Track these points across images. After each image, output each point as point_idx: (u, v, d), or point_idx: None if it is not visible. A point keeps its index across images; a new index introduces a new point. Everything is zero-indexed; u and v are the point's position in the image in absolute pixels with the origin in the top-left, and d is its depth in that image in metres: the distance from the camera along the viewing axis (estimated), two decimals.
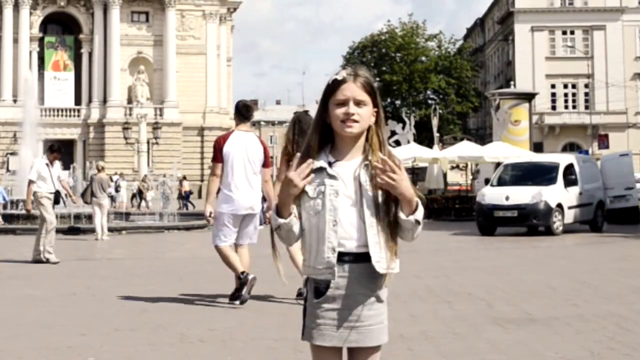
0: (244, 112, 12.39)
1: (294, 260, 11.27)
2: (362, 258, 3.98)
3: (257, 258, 12.93)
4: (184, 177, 59.00)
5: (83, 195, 28.24)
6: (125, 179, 55.89)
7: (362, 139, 4.07)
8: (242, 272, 11.70)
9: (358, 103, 4.01)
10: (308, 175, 3.91)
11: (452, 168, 47.94)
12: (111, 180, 43.20)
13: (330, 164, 4.03)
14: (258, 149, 12.07)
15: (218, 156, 11.92)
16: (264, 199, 12.46)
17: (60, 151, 20.22)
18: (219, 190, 12.07)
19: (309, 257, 4.04)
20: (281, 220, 3.97)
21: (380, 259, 3.98)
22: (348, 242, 3.98)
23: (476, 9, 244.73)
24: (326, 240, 3.97)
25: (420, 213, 3.98)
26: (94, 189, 26.89)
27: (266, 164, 12.17)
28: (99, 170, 27.81)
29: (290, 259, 11.36)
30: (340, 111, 4.00)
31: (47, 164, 19.40)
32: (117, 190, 50.82)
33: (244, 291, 11.61)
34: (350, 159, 4.05)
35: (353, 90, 4.02)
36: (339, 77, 4.04)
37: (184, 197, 55.44)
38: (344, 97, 4.01)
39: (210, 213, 12.09)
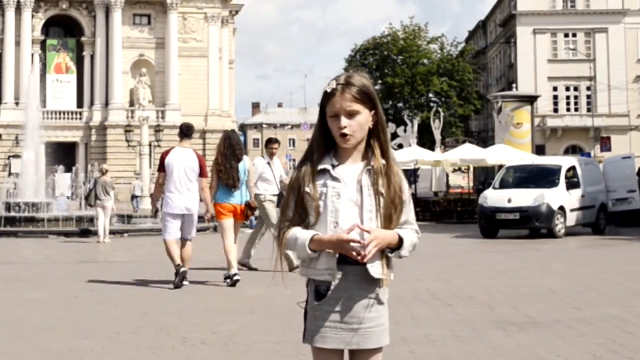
0: (185, 131, 14.97)
1: (227, 252, 14.49)
2: None
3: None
4: None
5: (87, 198, 28.35)
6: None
7: (363, 143, 4.09)
8: (178, 265, 14.20)
9: (350, 114, 4.01)
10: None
11: (454, 171, 47.93)
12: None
13: (333, 167, 4.04)
14: (194, 162, 14.53)
15: (161, 167, 14.51)
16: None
17: (277, 142, 17.88)
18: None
19: (309, 259, 4.04)
20: (311, 254, 3.98)
21: (375, 263, 4.00)
22: None
23: (480, 11, 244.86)
24: None
25: (405, 249, 4.03)
26: (98, 191, 27.04)
27: (202, 173, 14.61)
28: (102, 173, 27.85)
29: (224, 250, 14.56)
30: (334, 125, 4.01)
31: (268, 163, 17.26)
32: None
33: (176, 280, 14.02)
34: (352, 162, 4.07)
35: (342, 102, 4.00)
36: (328, 90, 4.03)
37: None
38: (335, 110, 4.01)
39: (156, 212, 15.53)
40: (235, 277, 14.37)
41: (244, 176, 14.74)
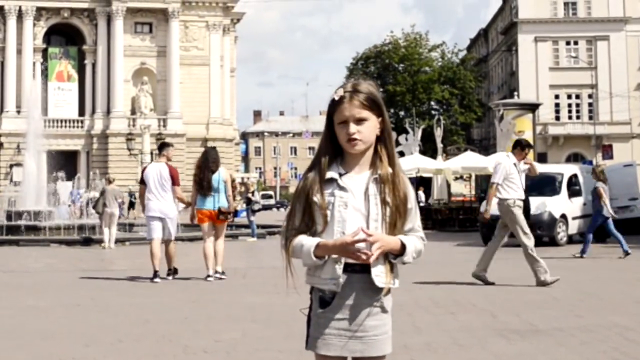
0: (159, 148, 18.14)
1: (206, 253, 16.80)
2: (366, 269, 3.99)
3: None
4: None
5: (95, 206, 29.11)
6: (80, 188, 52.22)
7: (370, 151, 4.08)
8: (156, 272, 16.71)
9: (358, 121, 4.01)
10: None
11: (456, 179, 47.92)
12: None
13: (340, 175, 4.04)
14: (165, 173, 17.07)
15: (142, 179, 17.29)
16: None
17: (529, 147, 17.24)
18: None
19: (314, 268, 4.04)
20: (316, 260, 3.98)
21: (379, 272, 4.00)
22: None
23: (484, 18, 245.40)
24: None
25: (407, 255, 4.02)
26: (106, 200, 27.71)
27: (175, 182, 17.18)
28: (109, 182, 28.88)
29: (204, 253, 16.89)
30: (342, 132, 4.02)
31: (515, 164, 16.27)
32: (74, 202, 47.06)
33: (156, 279, 16.60)
34: (359, 171, 4.07)
35: (351, 109, 4.00)
36: (336, 97, 4.03)
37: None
38: (344, 117, 4.01)
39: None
40: (208, 279, 16.62)
41: (218, 185, 16.92)
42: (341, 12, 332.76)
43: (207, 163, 17.01)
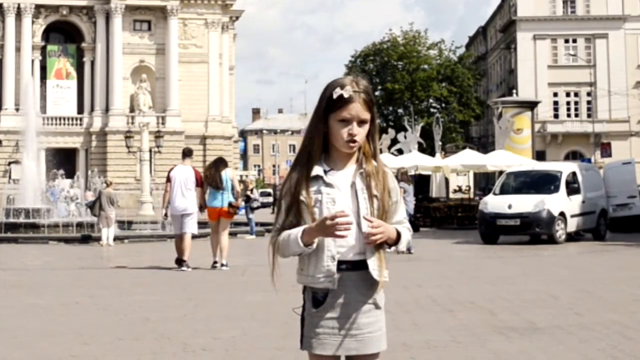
0: (186, 152, 20.21)
1: (212, 244, 18.98)
2: (358, 266, 4.01)
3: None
4: None
5: (92, 208, 29.27)
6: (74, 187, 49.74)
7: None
8: (179, 258, 18.60)
9: (361, 122, 4.02)
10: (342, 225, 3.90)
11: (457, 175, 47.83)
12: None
13: (325, 172, 4.04)
14: (191, 175, 19.19)
15: (168, 179, 19.26)
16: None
17: None
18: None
19: (307, 267, 4.04)
20: (306, 249, 3.98)
21: (376, 266, 4.01)
22: (345, 251, 4.00)
23: (485, 15, 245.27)
24: (325, 248, 3.98)
25: (402, 244, 4.06)
26: (102, 202, 27.83)
27: (198, 184, 19.15)
28: (107, 185, 29.13)
29: (211, 243, 19.13)
30: (344, 130, 4.00)
31: None
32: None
33: (183, 267, 18.43)
34: (344, 167, 4.07)
35: (358, 109, 4.00)
36: (346, 95, 4.00)
37: None
38: (350, 116, 4.00)
39: (165, 214, 19.60)
40: (215, 265, 18.68)
41: (226, 184, 18.98)
42: (343, 10, 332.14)
43: (217, 166, 19.29)
